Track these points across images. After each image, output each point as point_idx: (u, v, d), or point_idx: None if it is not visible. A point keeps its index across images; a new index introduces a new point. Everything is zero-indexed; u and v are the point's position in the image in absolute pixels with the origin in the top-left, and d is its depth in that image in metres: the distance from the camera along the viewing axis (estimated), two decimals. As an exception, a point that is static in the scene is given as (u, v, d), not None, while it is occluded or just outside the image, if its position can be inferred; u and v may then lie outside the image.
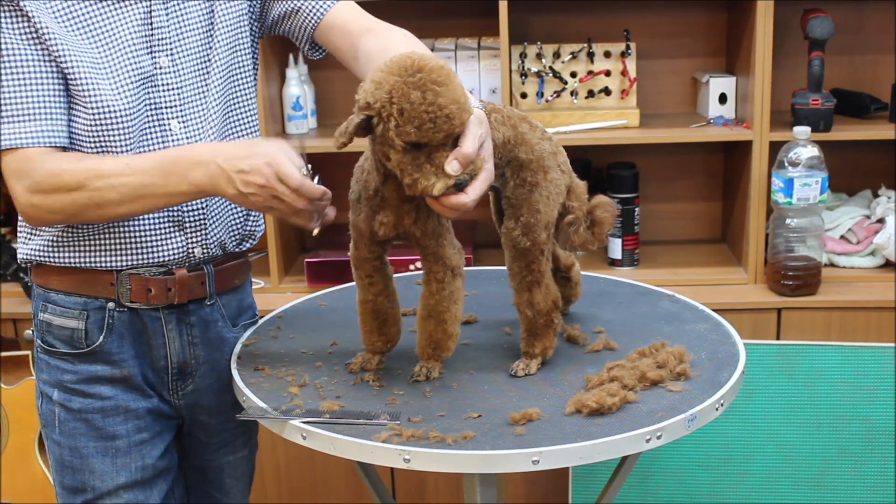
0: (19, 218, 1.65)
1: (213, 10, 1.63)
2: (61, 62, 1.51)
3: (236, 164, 1.45)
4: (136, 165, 1.49)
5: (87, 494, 1.66)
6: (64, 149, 1.53)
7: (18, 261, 1.66)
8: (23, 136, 1.49)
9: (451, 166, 1.36)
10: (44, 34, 1.50)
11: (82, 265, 1.60)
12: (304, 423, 1.44)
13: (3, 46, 1.49)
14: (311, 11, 1.66)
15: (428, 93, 1.33)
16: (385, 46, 1.53)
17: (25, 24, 1.50)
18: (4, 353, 2.55)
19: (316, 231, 1.49)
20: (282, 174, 1.44)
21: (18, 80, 1.50)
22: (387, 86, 1.35)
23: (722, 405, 1.50)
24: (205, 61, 1.62)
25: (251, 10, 1.69)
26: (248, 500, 1.89)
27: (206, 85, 1.62)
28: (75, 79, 1.51)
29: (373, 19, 1.66)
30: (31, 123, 1.50)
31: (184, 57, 1.60)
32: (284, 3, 1.67)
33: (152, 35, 1.57)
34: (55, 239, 1.60)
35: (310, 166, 1.50)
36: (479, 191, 1.39)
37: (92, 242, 1.59)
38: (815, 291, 2.52)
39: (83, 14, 1.53)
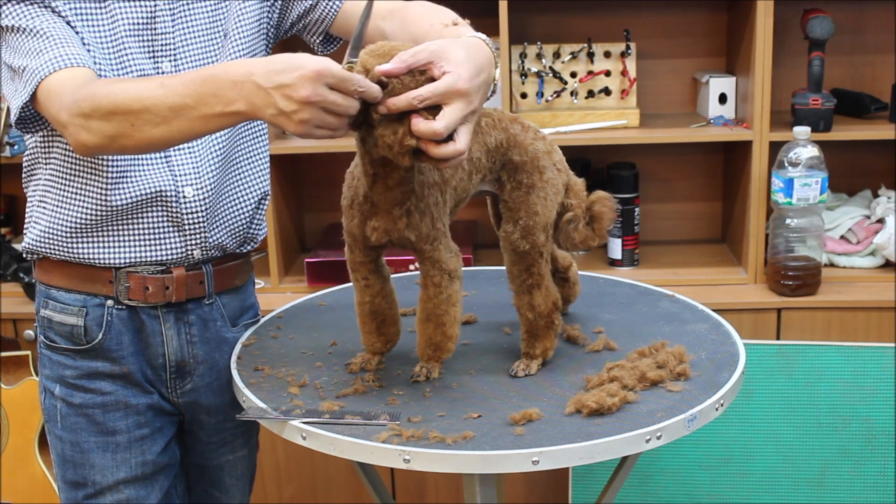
0: (26, 209, 1.65)
1: (222, 16, 1.62)
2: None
3: (275, 79, 1.29)
4: (169, 84, 1.38)
5: (88, 489, 1.67)
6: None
7: (21, 251, 1.67)
8: (53, 62, 1.45)
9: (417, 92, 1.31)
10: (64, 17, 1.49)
11: (81, 260, 1.60)
12: (304, 423, 1.44)
13: (20, 31, 1.48)
14: (330, 1, 1.66)
15: (394, 50, 1.34)
16: (403, 20, 1.52)
17: (38, 7, 1.49)
18: (4, 353, 2.55)
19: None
20: (335, 78, 1.28)
21: (38, 29, 1.47)
22: (356, 61, 1.36)
23: (722, 405, 1.50)
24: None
25: (269, 15, 1.68)
26: (248, 500, 1.89)
27: None
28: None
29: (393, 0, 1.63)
30: (57, 49, 1.46)
31: (187, 62, 1.59)
32: (303, 0, 1.67)
33: (155, 40, 1.57)
34: (57, 228, 1.59)
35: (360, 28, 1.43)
36: (454, 117, 1.31)
37: (93, 237, 1.60)
38: (815, 291, 2.52)
39: (86, 9, 1.52)
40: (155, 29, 1.57)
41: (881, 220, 2.64)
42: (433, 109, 1.32)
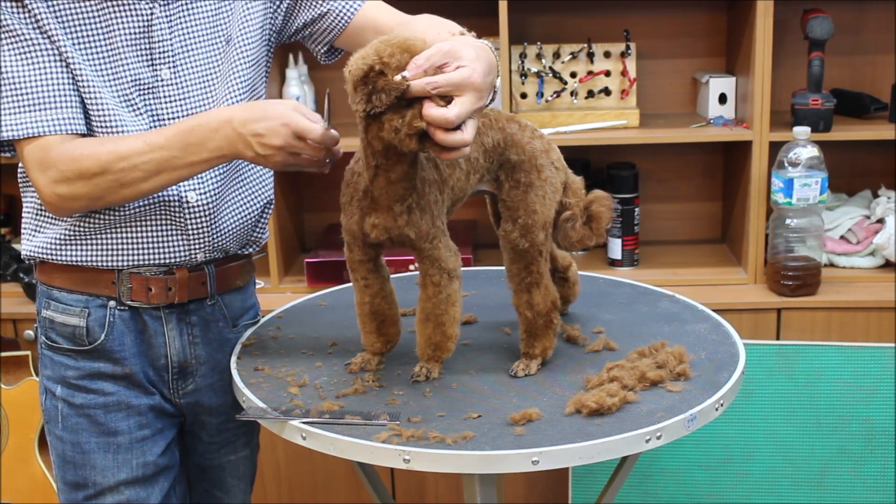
0: (23, 215, 1.65)
1: (224, 21, 1.61)
2: (69, 62, 1.50)
3: (251, 128, 1.45)
4: (154, 142, 1.48)
5: (89, 490, 1.67)
6: (82, 136, 1.52)
7: (22, 257, 1.66)
8: (42, 125, 1.49)
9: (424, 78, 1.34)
10: (49, 32, 1.49)
11: (85, 263, 1.60)
12: (304, 423, 1.44)
13: (13, 35, 1.48)
14: (340, 13, 1.66)
15: (406, 42, 1.36)
16: (412, 32, 1.54)
17: (30, 18, 1.48)
18: (4, 353, 2.55)
19: (327, 170, 1.53)
20: (300, 131, 1.45)
21: (32, 67, 1.49)
22: (370, 49, 1.37)
23: (722, 405, 1.50)
24: (212, 73, 1.60)
25: (273, 20, 1.67)
26: (249, 500, 1.89)
27: (213, 96, 1.60)
28: (83, 86, 1.51)
29: (402, 14, 1.66)
30: (50, 111, 1.49)
31: (188, 69, 1.58)
32: (312, 8, 1.66)
33: (153, 48, 1.55)
34: (59, 237, 1.59)
35: (327, 108, 1.52)
36: (466, 107, 1.33)
37: (95, 241, 1.59)
38: (814, 291, 2.52)
39: (81, 16, 1.51)
40: (152, 37, 1.55)
41: (881, 220, 2.64)
42: (444, 100, 1.33)
